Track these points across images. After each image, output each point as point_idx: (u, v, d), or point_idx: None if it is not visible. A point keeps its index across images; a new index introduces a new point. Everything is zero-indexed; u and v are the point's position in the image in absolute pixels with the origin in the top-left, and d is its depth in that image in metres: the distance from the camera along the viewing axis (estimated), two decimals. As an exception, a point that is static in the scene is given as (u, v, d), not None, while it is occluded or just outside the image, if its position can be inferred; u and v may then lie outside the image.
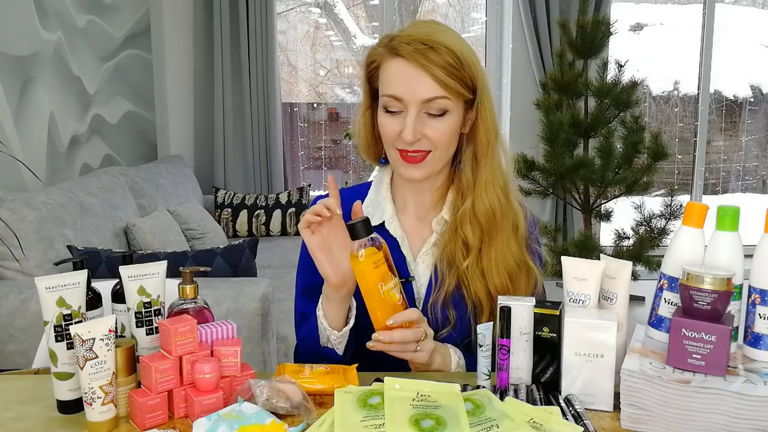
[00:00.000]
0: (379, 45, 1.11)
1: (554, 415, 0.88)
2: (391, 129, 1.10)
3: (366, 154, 1.23)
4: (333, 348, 1.12)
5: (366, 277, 0.99)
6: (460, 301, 1.15)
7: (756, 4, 5.33)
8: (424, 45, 1.05)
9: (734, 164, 5.33)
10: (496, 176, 1.14)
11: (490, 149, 1.13)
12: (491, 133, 1.13)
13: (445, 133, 1.09)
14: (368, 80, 1.16)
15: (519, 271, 1.16)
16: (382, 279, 0.99)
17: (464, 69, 1.07)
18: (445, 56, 1.05)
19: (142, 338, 0.99)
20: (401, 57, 1.06)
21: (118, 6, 3.66)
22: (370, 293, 1.00)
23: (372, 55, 1.12)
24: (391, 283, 1.00)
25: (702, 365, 0.87)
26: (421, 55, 1.04)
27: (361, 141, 1.22)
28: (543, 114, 3.56)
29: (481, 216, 1.13)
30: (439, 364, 1.10)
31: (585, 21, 3.47)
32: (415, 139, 1.07)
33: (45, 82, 2.88)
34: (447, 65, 1.05)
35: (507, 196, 1.16)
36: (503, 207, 1.15)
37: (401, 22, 4.72)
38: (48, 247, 2.37)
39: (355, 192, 1.26)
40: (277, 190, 4.40)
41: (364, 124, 1.19)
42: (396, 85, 1.07)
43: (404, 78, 1.06)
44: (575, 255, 2.42)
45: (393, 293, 1.00)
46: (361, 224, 0.99)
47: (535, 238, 1.24)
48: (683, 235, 0.97)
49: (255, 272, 2.43)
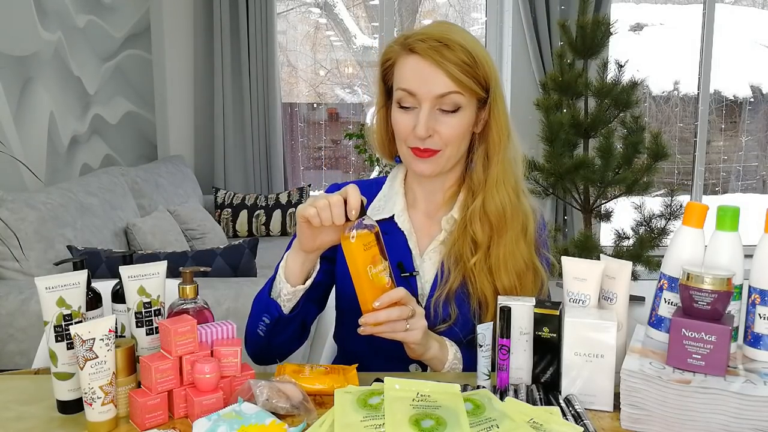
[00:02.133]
0: (394, 43, 1.13)
1: (554, 415, 0.88)
2: (405, 125, 1.11)
3: (381, 152, 1.25)
4: (280, 304, 1.10)
5: (356, 259, 0.98)
6: (464, 298, 1.16)
7: (756, 4, 5.33)
8: (439, 42, 1.06)
9: (734, 164, 5.33)
10: (507, 175, 1.15)
11: (501, 148, 1.15)
12: (503, 132, 1.14)
13: (457, 130, 1.10)
14: (383, 78, 1.17)
15: (527, 271, 1.16)
16: (372, 261, 0.99)
17: (478, 67, 1.09)
18: (459, 54, 1.06)
19: (142, 338, 0.99)
20: (416, 53, 1.08)
21: (118, 6, 3.66)
22: (359, 275, 0.99)
23: (387, 53, 1.14)
24: (380, 266, 1.00)
25: (702, 365, 0.87)
26: (435, 51, 1.06)
27: (376, 139, 1.24)
28: (543, 114, 3.56)
29: (491, 214, 1.14)
30: (436, 351, 1.09)
31: (585, 21, 3.47)
32: (427, 134, 1.09)
33: (45, 82, 2.88)
34: (461, 62, 1.07)
35: (518, 195, 1.17)
36: (513, 206, 1.15)
37: (401, 22, 4.73)
38: (48, 247, 2.37)
39: (371, 185, 1.27)
40: (277, 190, 4.40)
41: (379, 122, 1.21)
42: (410, 80, 1.09)
43: (419, 73, 1.08)
44: (575, 255, 2.42)
45: (382, 276, 1.00)
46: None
47: (544, 242, 1.24)
48: (683, 235, 0.97)
49: (255, 272, 2.43)
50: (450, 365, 1.11)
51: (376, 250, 0.99)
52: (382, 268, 1.00)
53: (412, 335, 1.03)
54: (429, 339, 1.08)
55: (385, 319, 0.99)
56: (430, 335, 1.09)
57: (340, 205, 0.98)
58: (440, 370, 1.12)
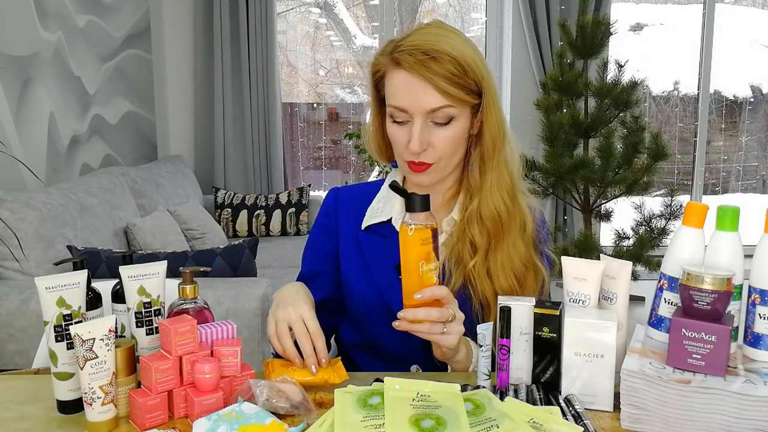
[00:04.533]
0: (382, 53, 1.11)
1: (554, 415, 0.88)
2: (400, 139, 1.10)
3: (378, 156, 1.24)
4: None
5: (409, 252, 0.97)
6: (465, 300, 1.15)
7: (756, 4, 5.33)
8: (425, 55, 1.05)
9: (734, 164, 5.33)
10: (502, 178, 1.15)
11: (496, 151, 1.14)
12: (497, 136, 1.13)
13: (451, 142, 1.09)
14: (375, 87, 1.16)
15: (526, 272, 1.16)
16: (425, 258, 0.97)
17: (467, 75, 1.07)
18: (447, 65, 1.05)
19: (142, 338, 0.99)
20: (403, 69, 1.06)
21: (118, 6, 3.66)
22: (410, 269, 0.98)
23: (376, 65, 1.13)
24: (432, 264, 0.98)
25: (702, 365, 0.87)
26: (422, 66, 1.04)
27: (373, 145, 1.23)
28: (543, 114, 3.56)
29: (487, 219, 1.14)
30: (462, 355, 1.08)
31: (585, 21, 3.47)
32: (421, 149, 1.08)
33: (45, 82, 2.88)
34: (449, 74, 1.05)
35: (514, 198, 1.16)
36: (509, 210, 1.15)
37: (401, 22, 4.73)
38: (48, 247, 2.37)
39: (372, 187, 1.27)
40: (277, 190, 4.40)
41: (375, 129, 1.21)
42: (400, 96, 1.07)
43: (407, 89, 1.06)
44: (575, 255, 2.42)
45: (431, 275, 0.98)
46: (420, 199, 0.98)
47: (544, 239, 1.24)
48: (683, 235, 0.97)
49: (255, 272, 2.43)
50: (473, 368, 1.11)
51: (431, 248, 0.98)
52: (433, 267, 0.98)
53: (448, 339, 1.01)
54: (459, 344, 1.07)
55: (424, 317, 0.97)
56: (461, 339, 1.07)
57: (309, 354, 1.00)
58: (461, 371, 1.10)
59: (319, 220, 1.28)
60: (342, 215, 1.25)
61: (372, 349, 1.22)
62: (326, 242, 1.25)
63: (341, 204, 1.26)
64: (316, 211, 1.42)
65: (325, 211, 1.27)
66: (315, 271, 1.26)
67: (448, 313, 0.99)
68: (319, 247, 1.27)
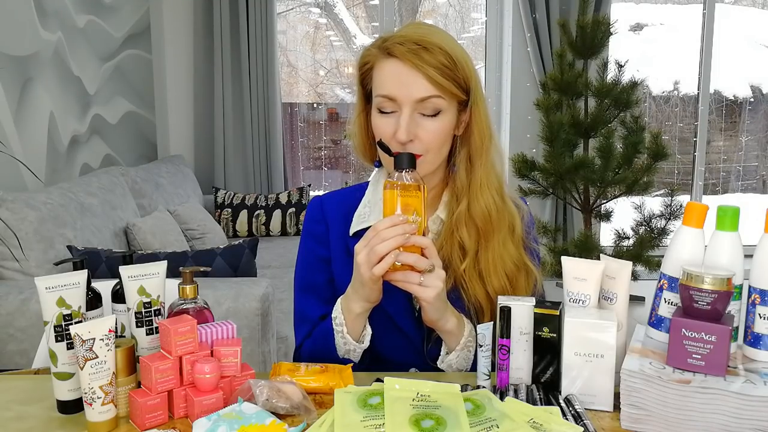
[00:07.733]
0: (372, 46, 1.11)
1: (554, 415, 0.88)
2: (385, 130, 1.09)
3: (362, 156, 1.23)
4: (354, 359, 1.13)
5: (391, 202, 0.99)
6: (456, 302, 1.14)
7: (756, 4, 5.33)
8: (417, 45, 1.05)
9: (734, 164, 5.33)
10: (490, 178, 1.14)
11: (484, 151, 1.13)
12: (485, 135, 1.13)
13: (438, 134, 1.09)
14: (361, 83, 1.16)
15: (518, 273, 1.16)
16: (405, 209, 0.98)
17: (458, 70, 1.07)
18: (438, 56, 1.05)
19: (142, 338, 0.99)
20: (395, 57, 1.06)
21: (118, 6, 3.66)
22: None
23: (365, 57, 1.12)
24: (413, 216, 0.98)
25: (702, 365, 0.87)
26: (414, 54, 1.04)
27: (357, 143, 1.23)
28: (543, 114, 3.56)
29: (477, 218, 1.13)
30: (453, 326, 1.08)
31: (585, 21, 3.47)
32: (408, 139, 1.07)
33: (45, 82, 2.88)
34: (441, 65, 1.05)
35: (502, 197, 1.16)
36: (499, 208, 1.15)
37: (401, 22, 4.72)
38: (48, 247, 2.37)
39: (354, 192, 1.26)
40: (277, 190, 4.40)
41: (359, 127, 1.20)
42: (390, 85, 1.07)
43: (398, 78, 1.06)
44: (575, 255, 2.42)
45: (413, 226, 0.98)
46: (406, 156, 1.00)
47: (533, 237, 1.24)
48: (683, 235, 0.97)
49: (255, 272, 2.43)
50: (465, 342, 1.10)
51: (415, 202, 0.99)
52: (413, 219, 0.98)
53: (425, 292, 1.00)
54: (446, 311, 1.07)
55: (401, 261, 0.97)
56: (449, 308, 1.08)
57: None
58: (454, 348, 1.10)
59: (308, 228, 1.25)
60: (330, 222, 1.23)
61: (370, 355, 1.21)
62: (320, 248, 1.23)
63: (327, 211, 1.24)
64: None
65: (313, 218, 1.25)
66: (315, 282, 1.22)
67: (426, 263, 0.99)
68: (313, 254, 1.24)
